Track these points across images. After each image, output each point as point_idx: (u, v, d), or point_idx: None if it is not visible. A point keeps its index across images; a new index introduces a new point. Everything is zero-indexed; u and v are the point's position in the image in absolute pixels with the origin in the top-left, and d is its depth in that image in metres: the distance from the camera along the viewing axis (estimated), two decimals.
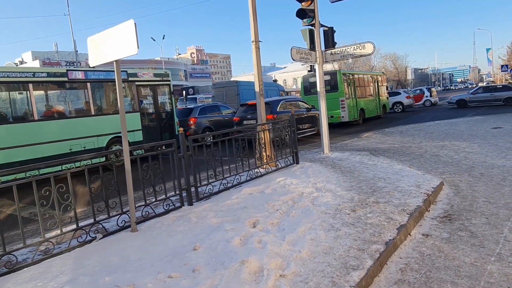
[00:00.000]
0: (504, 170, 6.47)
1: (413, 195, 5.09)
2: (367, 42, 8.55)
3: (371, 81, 20.74)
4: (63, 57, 53.71)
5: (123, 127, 4.38)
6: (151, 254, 3.60)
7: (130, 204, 4.37)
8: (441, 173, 6.61)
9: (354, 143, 11.34)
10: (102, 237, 4.23)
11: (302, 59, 8.60)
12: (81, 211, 5.81)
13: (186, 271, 3.13)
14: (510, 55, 67.20)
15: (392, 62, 72.35)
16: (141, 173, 4.78)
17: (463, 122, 14.31)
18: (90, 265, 3.48)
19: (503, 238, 3.80)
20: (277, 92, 23.58)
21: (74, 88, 9.96)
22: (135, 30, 3.88)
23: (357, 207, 4.71)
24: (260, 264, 3.15)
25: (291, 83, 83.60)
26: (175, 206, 5.12)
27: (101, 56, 4.33)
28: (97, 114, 10.06)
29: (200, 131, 13.58)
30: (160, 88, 12.02)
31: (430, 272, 3.24)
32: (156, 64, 59.60)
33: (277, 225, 4.23)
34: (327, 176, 6.51)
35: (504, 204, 4.81)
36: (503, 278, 3.04)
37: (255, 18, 7.64)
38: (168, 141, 5.33)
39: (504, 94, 21.90)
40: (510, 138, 9.69)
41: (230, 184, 6.09)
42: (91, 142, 9.68)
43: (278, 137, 7.62)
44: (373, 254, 3.39)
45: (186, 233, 4.11)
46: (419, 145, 9.89)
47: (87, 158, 4.30)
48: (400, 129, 14.20)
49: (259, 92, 7.76)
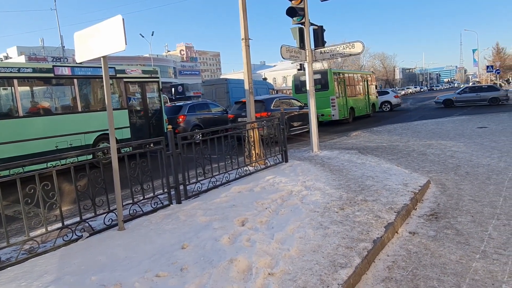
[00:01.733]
0: (489, 169, 6.59)
1: (400, 194, 5.14)
2: (357, 41, 8.60)
3: (361, 80, 20.90)
4: (49, 52, 52.74)
5: (110, 124, 4.32)
6: (138, 253, 3.56)
7: (117, 202, 4.31)
8: (428, 172, 6.69)
9: (343, 142, 11.41)
10: (88, 235, 4.16)
11: (292, 58, 8.60)
12: (67, 209, 5.71)
13: (174, 270, 3.10)
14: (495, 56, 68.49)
15: (380, 61, 73.15)
16: (129, 171, 4.72)
17: (450, 122, 14.53)
18: (76, 264, 3.43)
19: (487, 236, 3.87)
20: (267, 90, 23.59)
21: (61, 84, 9.78)
22: (123, 26, 3.82)
23: (345, 205, 4.74)
24: (249, 263, 3.14)
25: (281, 81, 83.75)
26: (163, 204, 5.07)
27: (88, 52, 4.25)
28: (84, 110, 9.90)
29: (189, 128, 13.50)
30: (149, 85, 11.90)
31: (416, 270, 3.27)
32: (145, 61, 59.05)
33: (266, 223, 4.22)
34: (316, 174, 6.53)
35: (488, 202, 4.89)
36: (487, 275, 3.09)
37: (245, 15, 7.61)
38: (156, 139, 5.27)
39: (489, 95, 22.31)
40: (494, 137, 9.87)
41: (219, 182, 6.07)
42: (77, 139, 9.53)
43: (272, 134, 7.63)
44: (361, 252, 3.41)
45: (174, 232, 4.07)
46: (406, 144, 10.00)
47: (73, 155, 4.22)
48: (388, 128, 14.35)
49: (248, 90, 7.74)
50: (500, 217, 4.35)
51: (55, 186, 3.95)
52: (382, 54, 73.95)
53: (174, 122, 13.24)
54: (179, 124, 13.55)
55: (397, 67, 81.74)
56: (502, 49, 72.48)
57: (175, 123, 13.31)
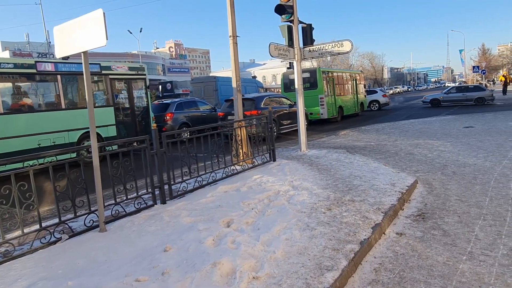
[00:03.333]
0: (475, 168, 6.62)
1: (388, 194, 5.11)
2: (345, 40, 8.56)
3: (349, 79, 20.96)
4: (35, 48, 51.61)
5: (91, 122, 4.17)
6: (119, 256, 3.44)
7: (99, 203, 4.17)
8: (415, 172, 6.69)
9: (332, 141, 11.39)
10: (68, 237, 4.02)
11: (280, 56, 8.52)
12: (46, 210, 5.54)
13: (155, 274, 2.99)
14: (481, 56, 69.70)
15: (369, 61, 73.67)
16: (111, 170, 4.58)
17: (437, 121, 14.65)
18: (54, 268, 3.29)
19: (474, 237, 3.85)
20: (256, 88, 23.51)
21: (44, 80, 9.53)
22: (103, 20, 3.68)
23: (332, 206, 4.68)
24: (233, 266, 3.05)
25: (270, 79, 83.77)
26: (147, 204, 4.94)
27: (68, 47, 4.10)
28: (68, 108, 9.67)
29: (177, 126, 13.32)
30: (136, 82, 11.70)
31: (403, 272, 3.23)
32: (133, 58, 58.30)
33: (252, 225, 4.14)
34: (304, 174, 6.47)
35: (475, 202, 4.89)
36: (474, 277, 3.06)
37: (233, 12, 7.49)
38: (140, 137, 5.14)
39: (475, 95, 22.61)
40: (481, 137, 9.96)
41: (205, 182, 5.96)
42: (61, 137, 9.30)
43: (261, 133, 7.55)
44: (348, 254, 3.35)
45: (158, 233, 3.96)
46: (394, 143, 10.03)
47: (52, 154, 4.06)
48: (376, 127, 14.39)
49: (236, 88, 7.63)
50: (486, 217, 4.34)
51: (32, 186, 3.79)
52: (371, 54, 74.55)
53: (161, 120, 13.05)
54: (166, 122, 13.36)
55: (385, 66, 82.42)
56: (487, 50, 73.92)
57: (162, 121, 13.12)
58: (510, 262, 3.27)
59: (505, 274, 3.08)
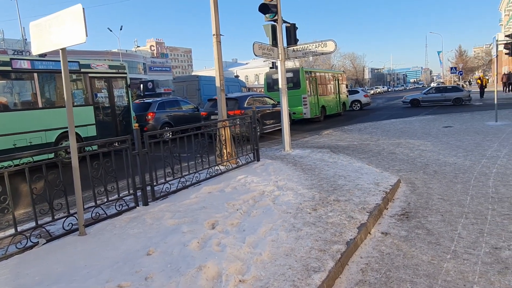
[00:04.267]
0: (456, 167, 6.74)
1: (372, 193, 5.14)
2: (329, 40, 8.59)
3: (332, 79, 21.13)
4: (10, 45, 49.89)
5: (70, 121, 4.02)
6: (100, 261, 3.31)
7: (78, 205, 4.02)
8: (398, 171, 6.77)
9: (315, 140, 11.43)
10: (45, 242, 3.85)
11: (264, 55, 8.48)
12: (22, 214, 5.32)
13: (138, 279, 2.89)
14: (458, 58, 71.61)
15: (350, 61, 74.62)
16: (91, 171, 4.43)
17: (417, 121, 14.92)
18: (30, 274, 3.14)
19: (457, 235, 3.90)
20: (239, 87, 23.43)
21: (19, 78, 9.19)
22: (83, 16, 3.55)
23: (318, 206, 4.66)
24: (219, 269, 2.98)
25: (253, 79, 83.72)
26: (128, 206, 4.80)
27: (46, 43, 3.95)
28: (45, 107, 9.36)
29: (158, 126, 13.10)
30: (116, 81, 11.44)
31: (390, 272, 3.23)
32: (113, 56, 57.15)
33: (237, 226, 4.07)
34: (288, 174, 6.44)
35: (457, 201, 4.97)
36: (459, 276, 3.09)
37: (216, 10, 7.40)
38: (122, 137, 4.99)
39: (453, 95, 23.17)
40: (459, 136, 10.18)
41: (189, 183, 5.85)
42: (38, 137, 8.99)
43: (245, 133, 7.49)
44: (335, 254, 3.33)
45: (140, 236, 3.84)
46: (376, 142, 10.14)
47: (28, 155, 3.88)
48: (359, 126, 14.55)
49: (219, 87, 7.54)
50: (468, 215, 4.41)
51: (7, 188, 3.61)
52: (352, 54, 75.49)
53: (143, 120, 12.81)
54: (148, 121, 13.12)
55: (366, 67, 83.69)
56: (464, 51, 75.93)
57: (144, 121, 12.88)
58: (493, 260, 3.32)
59: (489, 272, 3.12)
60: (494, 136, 9.76)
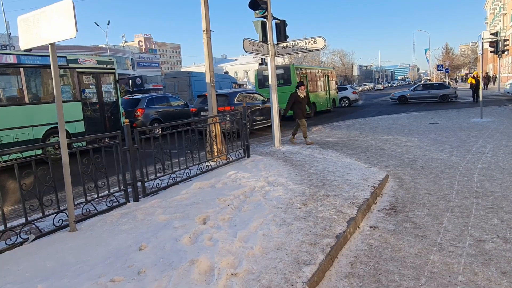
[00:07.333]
0: (442, 163, 6.89)
1: (361, 188, 5.22)
2: (319, 37, 8.65)
3: (322, 76, 21.24)
4: None
5: (59, 117, 3.99)
6: (91, 256, 3.32)
7: (68, 201, 4.00)
8: (386, 166, 6.88)
9: None
10: (35, 238, 3.83)
11: (255, 51, 8.50)
12: (11, 210, 5.26)
13: (131, 273, 2.91)
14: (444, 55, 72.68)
15: (339, 58, 75.08)
16: (81, 167, 4.41)
17: (405, 118, 15.13)
18: (20, 270, 3.13)
19: (443, 229, 4.00)
20: (230, 84, 23.37)
21: (5, 73, 9.02)
22: (73, 10, 3.52)
23: (308, 201, 4.73)
24: (211, 263, 3.02)
25: (242, 75, 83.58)
26: (119, 202, 4.80)
27: (34, 38, 3.90)
28: (32, 102, 9.22)
29: (148, 122, 13.04)
30: (104, 77, 11.32)
31: (378, 264, 3.31)
32: (101, 52, 56.38)
33: (228, 221, 4.11)
34: (279, 169, 6.50)
35: (443, 195, 5.09)
36: (444, 267, 3.19)
37: (207, 6, 7.38)
38: (112, 133, 4.97)
39: (440, 92, 23.52)
40: (446, 133, 10.38)
41: (179, 179, 5.86)
42: (24, 133, 8.86)
43: (235, 129, 7.52)
44: (325, 248, 3.40)
45: (131, 232, 3.85)
46: (365, 139, 10.27)
47: (17, 151, 3.85)
48: (348, 123, 14.69)
49: (210, 83, 7.54)
50: (453, 209, 4.53)
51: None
52: (341, 51, 75.98)
53: (132, 116, 12.72)
54: (137, 117, 13.04)
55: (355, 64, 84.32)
56: (450, 49, 77.13)
57: (133, 117, 12.79)
58: (477, 252, 3.43)
59: (473, 264, 3.22)
60: (479, 133, 9.98)
